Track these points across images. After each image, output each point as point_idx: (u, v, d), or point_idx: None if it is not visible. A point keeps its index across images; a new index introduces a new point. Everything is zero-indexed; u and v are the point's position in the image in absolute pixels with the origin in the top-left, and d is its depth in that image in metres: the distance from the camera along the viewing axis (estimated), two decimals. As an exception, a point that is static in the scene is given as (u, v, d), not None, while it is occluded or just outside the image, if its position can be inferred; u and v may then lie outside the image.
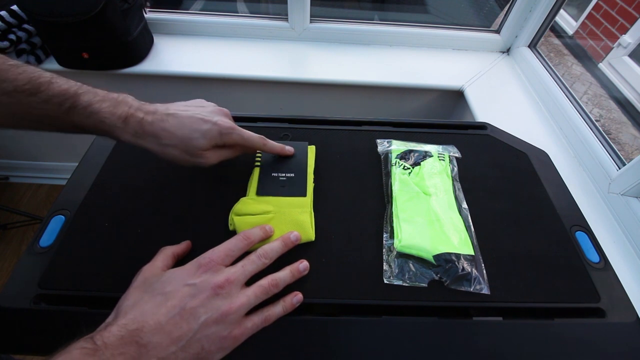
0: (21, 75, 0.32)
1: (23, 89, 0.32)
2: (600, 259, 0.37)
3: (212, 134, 0.36)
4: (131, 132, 0.34)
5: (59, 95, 0.33)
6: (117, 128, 0.34)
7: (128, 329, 0.25)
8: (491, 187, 0.43)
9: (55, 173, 1.39)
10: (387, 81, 0.95)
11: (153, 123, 0.35)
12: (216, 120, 0.37)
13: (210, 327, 0.27)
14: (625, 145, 1.73)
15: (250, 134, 0.39)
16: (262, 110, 1.05)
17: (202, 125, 0.36)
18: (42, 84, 0.33)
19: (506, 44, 1.05)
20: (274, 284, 0.31)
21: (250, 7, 1.30)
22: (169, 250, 0.33)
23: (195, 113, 0.37)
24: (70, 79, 0.35)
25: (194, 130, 0.35)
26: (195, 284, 0.28)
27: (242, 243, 0.32)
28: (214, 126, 0.36)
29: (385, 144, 0.46)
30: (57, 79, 0.34)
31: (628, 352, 0.31)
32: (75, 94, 0.34)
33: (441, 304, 0.33)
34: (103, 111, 0.34)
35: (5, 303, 0.32)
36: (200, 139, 0.35)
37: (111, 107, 0.34)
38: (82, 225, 0.37)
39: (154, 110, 0.36)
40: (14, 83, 0.32)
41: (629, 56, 1.96)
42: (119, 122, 0.34)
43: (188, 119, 0.36)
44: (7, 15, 0.83)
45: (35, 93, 0.32)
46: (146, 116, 0.35)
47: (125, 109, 0.35)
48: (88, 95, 0.34)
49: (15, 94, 0.32)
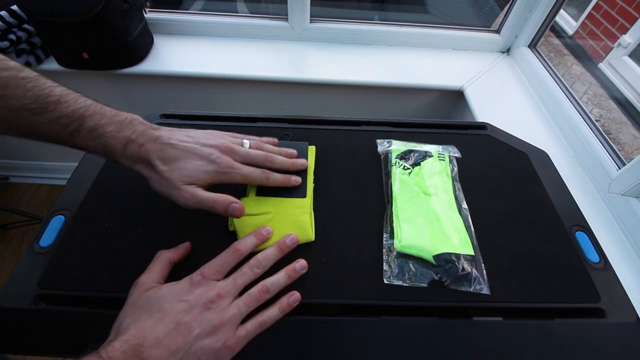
0: (29, 92, 0.31)
1: (29, 107, 0.31)
2: (600, 259, 0.37)
3: (204, 170, 0.34)
4: (129, 157, 0.34)
5: (65, 117, 0.32)
6: (117, 153, 0.34)
7: (130, 344, 0.26)
8: (491, 187, 0.43)
9: (55, 173, 1.39)
10: (387, 81, 0.95)
11: (150, 150, 0.34)
12: (215, 157, 0.35)
13: (204, 340, 0.28)
14: (625, 145, 1.74)
15: (250, 171, 0.36)
16: (262, 110, 1.05)
17: (196, 160, 0.34)
18: (50, 103, 0.32)
19: (506, 44, 1.05)
20: (265, 290, 0.31)
21: (250, 7, 1.30)
22: (165, 257, 0.33)
23: (193, 147, 0.35)
24: (80, 96, 0.34)
25: (187, 162, 0.34)
26: (188, 300, 0.29)
27: (232, 257, 0.33)
28: (211, 164, 0.34)
29: (385, 144, 0.46)
30: (66, 97, 0.33)
31: (628, 352, 0.31)
32: (81, 116, 0.33)
33: (441, 304, 0.33)
34: (107, 135, 0.33)
35: (5, 303, 0.32)
36: (191, 174, 0.34)
37: (115, 131, 0.33)
38: (82, 225, 0.37)
39: (156, 137, 0.34)
40: (21, 101, 0.31)
41: (629, 56, 1.96)
42: (119, 146, 0.33)
43: (184, 152, 0.34)
44: (7, 15, 0.83)
45: (41, 113, 0.31)
46: (146, 143, 0.34)
47: (128, 134, 0.34)
48: (94, 118, 0.33)
49: (21, 112, 0.31)
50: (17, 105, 0.31)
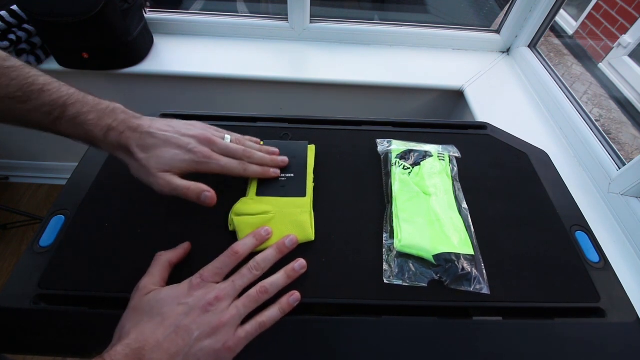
0: (14, 81, 0.32)
1: (14, 95, 0.32)
2: (600, 259, 0.37)
3: (181, 159, 0.35)
4: (109, 144, 0.35)
5: (48, 104, 0.33)
6: (98, 139, 0.35)
7: (131, 347, 0.27)
8: (491, 187, 0.43)
9: (55, 173, 1.39)
10: (387, 81, 0.95)
11: (130, 138, 0.35)
12: (192, 147, 0.36)
13: (204, 342, 0.28)
14: (625, 145, 1.74)
15: (227, 162, 0.37)
16: (262, 110, 1.05)
17: (173, 149, 0.35)
18: (33, 92, 0.33)
19: (506, 44, 1.05)
20: (263, 291, 0.31)
21: (250, 7, 1.30)
22: (165, 259, 0.33)
23: (172, 136, 0.36)
24: (63, 85, 0.35)
25: (165, 151, 0.35)
26: (187, 303, 0.30)
27: (230, 259, 0.33)
28: (188, 153, 0.35)
29: (385, 144, 0.46)
30: (49, 85, 0.34)
31: (628, 352, 0.31)
32: (64, 104, 0.34)
33: (441, 303, 0.33)
34: (88, 123, 0.34)
35: (5, 303, 0.32)
36: (167, 162, 0.34)
37: (96, 119, 0.34)
38: (82, 225, 0.37)
39: (137, 126, 0.35)
40: (6, 90, 0.32)
41: (629, 56, 1.96)
42: (100, 134, 0.34)
43: (163, 141, 0.35)
44: (7, 15, 0.83)
45: (25, 101, 0.33)
46: (127, 131, 0.35)
47: (109, 122, 0.35)
48: (77, 106, 0.34)
49: (6, 100, 0.32)
50: (2, 94, 0.32)
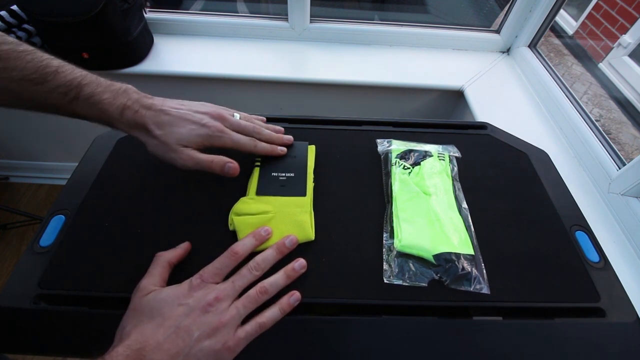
0: (29, 64, 0.34)
1: (30, 77, 0.33)
2: (600, 259, 0.37)
3: (197, 133, 0.37)
4: (125, 123, 0.37)
5: (64, 85, 0.35)
6: (114, 118, 0.36)
7: (132, 348, 0.27)
8: (491, 187, 0.43)
9: (55, 173, 1.39)
10: (387, 81, 0.95)
11: (145, 116, 0.36)
12: (205, 122, 0.38)
13: (204, 342, 0.28)
14: (625, 145, 1.74)
15: (239, 137, 0.39)
16: (262, 110, 1.05)
17: (188, 125, 0.37)
18: (49, 73, 0.34)
19: (506, 44, 1.05)
20: (263, 291, 0.32)
21: (250, 7, 1.30)
22: (164, 259, 0.33)
23: (186, 113, 0.38)
24: (76, 67, 0.36)
25: (181, 127, 0.37)
26: (187, 304, 0.30)
27: (230, 260, 0.33)
28: (202, 128, 0.37)
29: (385, 144, 0.46)
30: (63, 68, 0.35)
31: (628, 352, 0.31)
32: (79, 85, 0.35)
33: (441, 303, 0.33)
34: (103, 102, 0.36)
35: (5, 303, 0.32)
36: (185, 137, 0.36)
37: (111, 98, 0.36)
38: (82, 225, 0.37)
39: (150, 104, 0.37)
40: (22, 72, 0.33)
41: (629, 56, 1.96)
42: (116, 113, 0.36)
43: (177, 118, 0.37)
44: (7, 15, 0.83)
45: (41, 82, 0.34)
46: (141, 109, 0.37)
47: (123, 101, 0.36)
48: (91, 87, 0.36)
49: (22, 82, 0.33)
50: (19, 76, 0.33)
